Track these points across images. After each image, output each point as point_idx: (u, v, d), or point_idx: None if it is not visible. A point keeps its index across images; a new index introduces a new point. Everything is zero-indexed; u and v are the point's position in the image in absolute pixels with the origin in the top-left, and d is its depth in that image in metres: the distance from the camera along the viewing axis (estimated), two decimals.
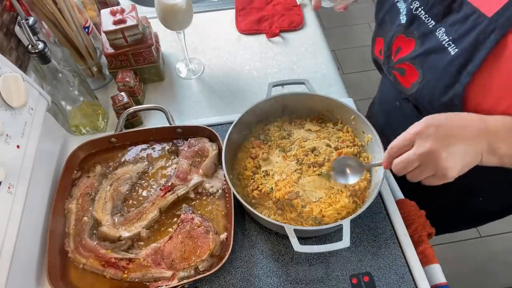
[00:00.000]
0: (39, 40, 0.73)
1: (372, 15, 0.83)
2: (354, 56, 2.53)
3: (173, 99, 1.02)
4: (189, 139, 0.84)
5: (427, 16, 0.67)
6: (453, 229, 1.11)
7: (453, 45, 0.62)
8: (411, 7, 0.69)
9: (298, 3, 1.24)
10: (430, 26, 0.66)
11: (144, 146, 0.87)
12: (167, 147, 0.86)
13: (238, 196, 0.68)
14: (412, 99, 0.74)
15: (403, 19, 0.71)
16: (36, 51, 0.72)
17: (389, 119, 0.89)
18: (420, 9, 0.68)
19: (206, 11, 1.24)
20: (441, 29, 0.64)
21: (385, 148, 0.72)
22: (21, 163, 0.67)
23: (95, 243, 0.72)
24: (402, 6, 0.72)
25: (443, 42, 0.63)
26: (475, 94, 0.60)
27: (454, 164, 0.52)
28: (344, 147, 0.78)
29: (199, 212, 0.77)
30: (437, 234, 0.81)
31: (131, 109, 0.86)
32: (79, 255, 0.71)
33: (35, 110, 0.74)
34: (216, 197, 0.79)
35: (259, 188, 0.73)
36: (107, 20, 0.92)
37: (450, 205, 0.93)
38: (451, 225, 1.04)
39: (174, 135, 0.87)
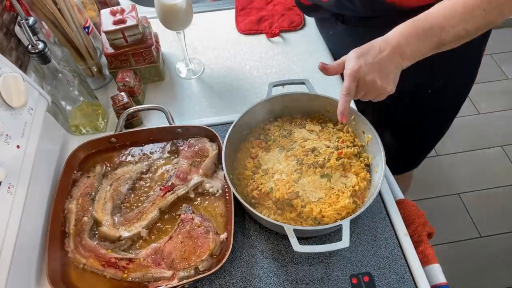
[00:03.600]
0: (39, 40, 0.73)
1: None
2: None
3: (173, 99, 1.02)
4: (189, 139, 0.84)
5: None
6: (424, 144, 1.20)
7: None
8: None
9: None
10: None
11: (144, 146, 0.87)
12: (167, 147, 0.86)
13: (238, 196, 0.68)
14: (332, 8, 0.83)
15: None
16: (36, 51, 0.71)
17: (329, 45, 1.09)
18: None
19: (206, 11, 1.24)
20: None
21: (385, 149, 0.73)
22: (21, 163, 0.67)
23: (95, 243, 0.72)
24: None
25: None
26: None
27: (387, 82, 0.67)
28: (344, 147, 0.78)
29: (199, 212, 0.77)
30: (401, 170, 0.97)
31: (131, 109, 0.86)
32: (79, 255, 0.71)
33: (35, 110, 0.74)
34: (216, 197, 0.79)
35: (259, 188, 0.73)
36: (107, 20, 0.92)
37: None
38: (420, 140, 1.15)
39: (174, 135, 0.87)
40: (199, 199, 0.79)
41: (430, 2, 0.71)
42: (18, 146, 0.67)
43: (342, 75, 0.83)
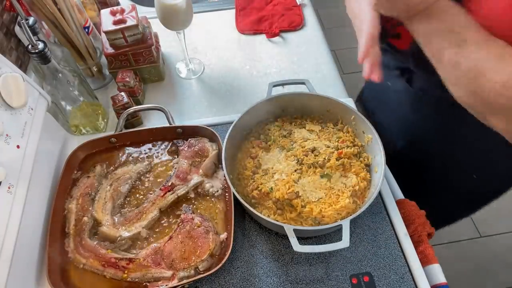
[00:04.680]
0: (39, 40, 0.73)
1: None
2: (354, 56, 2.50)
3: (173, 99, 1.02)
4: (189, 139, 0.84)
5: None
6: (449, 218, 1.13)
7: None
8: None
9: (298, 3, 1.24)
10: None
11: (144, 146, 0.87)
12: (167, 147, 0.87)
13: (238, 196, 0.68)
14: (412, 58, 0.71)
15: None
16: (36, 51, 0.71)
17: (381, 100, 0.91)
18: None
19: (206, 11, 1.24)
20: None
21: (385, 149, 0.73)
22: (21, 163, 0.67)
23: (95, 243, 0.72)
24: None
25: None
26: None
27: None
28: (344, 147, 0.78)
29: (199, 212, 0.77)
30: (436, 229, 0.82)
31: (131, 109, 0.86)
32: (79, 255, 0.71)
33: (35, 110, 0.74)
34: (216, 197, 0.79)
35: (259, 188, 0.73)
36: (107, 20, 0.92)
37: (446, 189, 0.94)
38: (447, 213, 1.06)
39: (174, 135, 0.87)
40: (199, 199, 0.79)
41: None
42: (18, 146, 0.67)
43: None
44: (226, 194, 0.78)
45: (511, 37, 0.52)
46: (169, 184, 0.78)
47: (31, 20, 0.76)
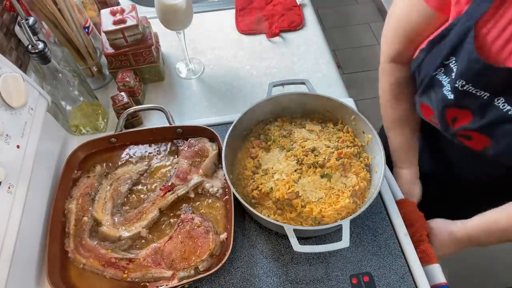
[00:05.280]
0: (39, 40, 0.73)
1: (372, 15, 0.83)
2: (354, 56, 2.53)
3: (173, 99, 1.02)
4: (189, 139, 0.84)
5: (479, 90, 0.62)
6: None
7: None
8: (456, 85, 0.63)
9: (298, 3, 1.24)
10: (485, 98, 0.62)
11: (144, 146, 0.87)
12: (167, 147, 0.87)
13: (238, 196, 0.68)
14: (488, 156, 0.72)
15: (449, 95, 0.66)
16: (36, 51, 0.71)
17: (441, 155, 0.89)
18: (468, 85, 0.62)
19: (206, 11, 1.24)
20: (500, 99, 0.61)
21: (384, 148, 0.73)
22: (21, 163, 0.67)
23: (95, 243, 0.72)
24: (444, 79, 0.67)
25: (510, 112, 0.60)
26: None
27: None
28: (344, 147, 0.78)
29: (199, 212, 0.77)
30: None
31: (131, 109, 0.86)
32: (79, 255, 0.71)
33: (35, 110, 0.74)
34: (216, 197, 0.79)
35: (259, 188, 0.73)
36: (107, 20, 0.92)
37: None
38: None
39: (174, 135, 0.87)
40: (199, 199, 0.79)
41: None
42: (18, 146, 0.67)
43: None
44: (226, 194, 0.78)
45: None
46: (169, 184, 0.78)
47: (31, 20, 0.76)
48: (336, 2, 2.92)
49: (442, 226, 0.77)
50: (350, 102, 0.95)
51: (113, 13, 0.93)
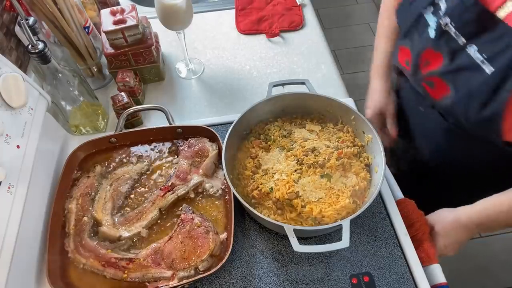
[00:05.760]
0: (39, 40, 0.73)
1: (372, 15, 0.84)
2: (354, 56, 2.53)
3: (173, 99, 1.02)
4: (189, 139, 0.84)
5: (457, 33, 0.66)
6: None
7: (488, 63, 0.63)
8: (441, 22, 0.68)
9: (298, 3, 1.24)
10: (461, 43, 0.66)
11: (144, 146, 0.87)
12: (167, 147, 0.87)
13: (238, 196, 0.68)
14: (442, 110, 0.77)
15: (431, 33, 0.70)
16: (36, 51, 0.71)
17: (412, 122, 0.93)
18: (450, 25, 0.67)
19: (206, 11, 1.24)
20: (472, 46, 0.64)
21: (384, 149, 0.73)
22: (21, 163, 0.67)
23: (95, 243, 0.72)
24: (430, 19, 0.71)
25: (477, 61, 0.64)
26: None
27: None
28: (344, 147, 0.78)
29: (199, 212, 0.77)
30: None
31: (131, 109, 0.86)
32: (79, 255, 0.71)
33: (35, 110, 0.74)
34: (216, 197, 0.79)
35: (259, 188, 0.73)
36: (107, 20, 0.92)
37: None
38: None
39: (174, 135, 0.87)
40: (199, 199, 0.79)
41: None
42: (18, 146, 0.67)
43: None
44: (226, 194, 0.78)
45: None
46: (169, 184, 0.78)
47: (31, 20, 0.76)
48: (336, 2, 2.92)
49: (446, 213, 0.78)
50: (350, 102, 0.95)
51: (113, 13, 0.93)
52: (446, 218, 0.77)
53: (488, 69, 0.62)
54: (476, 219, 0.73)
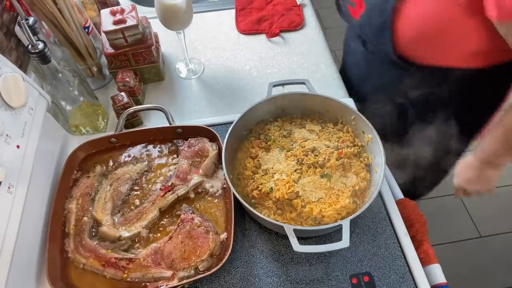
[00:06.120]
0: (39, 40, 0.73)
1: None
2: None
3: (173, 99, 1.02)
4: (189, 139, 0.84)
5: None
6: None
7: None
8: None
9: (298, 3, 1.24)
10: None
11: (144, 146, 0.87)
12: (167, 147, 0.87)
13: (238, 196, 0.68)
14: (358, 31, 0.91)
15: None
16: (36, 51, 0.71)
17: (353, 64, 1.09)
18: None
19: (206, 11, 1.24)
20: None
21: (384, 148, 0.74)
22: (21, 163, 0.67)
23: (95, 243, 0.72)
24: None
25: None
26: (401, 22, 0.77)
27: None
28: (344, 147, 0.78)
29: (199, 212, 0.77)
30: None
31: (131, 109, 0.86)
32: (79, 255, 0.71)
33: (35, 110, 0.74)
34: (216, 197, 0.79)
35: (259, 188, 0.73)
36: (107, 20, 0.92)
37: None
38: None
39: (174, 135, 0.87)
40: (199, 199, 0.79)
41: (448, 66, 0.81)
42: (18, 146, 0.67)
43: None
44: (226, 194, 0.78)
45: None
46: (169, 184, 0.78)
47: (31, 20, 0.76)
48: None
49: (460, 160, 0.90)
50: (350, 102, 0.95)
51: (113, 13, 0.93)
52: (463, 160, 0.89)
53: None
54: (480, 152, 0.83)
